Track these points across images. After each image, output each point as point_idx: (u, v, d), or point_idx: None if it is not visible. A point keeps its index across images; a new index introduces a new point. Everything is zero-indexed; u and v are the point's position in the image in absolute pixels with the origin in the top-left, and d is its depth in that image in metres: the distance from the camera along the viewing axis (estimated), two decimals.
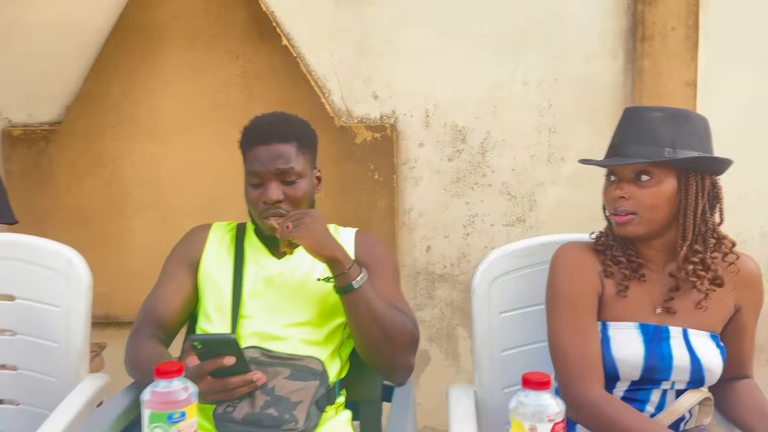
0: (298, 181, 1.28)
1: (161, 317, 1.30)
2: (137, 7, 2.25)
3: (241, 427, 1.08)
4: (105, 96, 2.28)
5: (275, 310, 1.26)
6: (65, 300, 1.42)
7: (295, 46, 2.29)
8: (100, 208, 2.30)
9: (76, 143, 2.29)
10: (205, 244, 1.36)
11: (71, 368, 1.41)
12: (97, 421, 1.17)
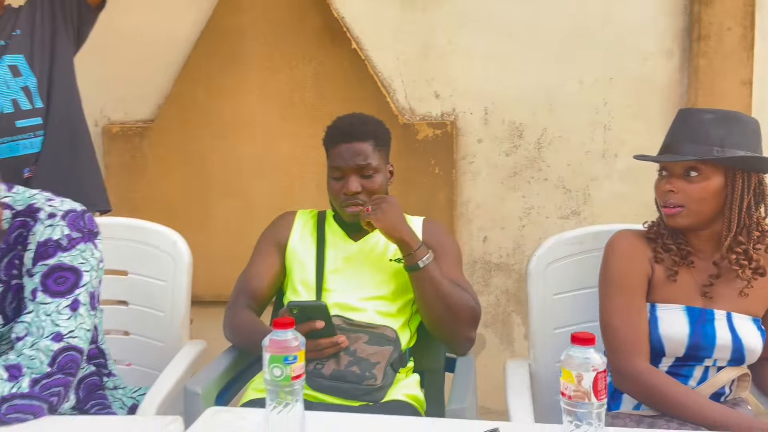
0: (374, 175, 1.45)
1: (254, 290, 1.50)
2: (220, 16, 2.48)
3: (329, 381, 1.27)
4: (192, 96, 2.51)
5: (353, 285, 1.44)
6: (170, 275, 1.63)
7: (363, 48, 2.47)
8: (187, 197, 2.54)
9: (166, 139, 2.54)
10: (292, 228, 1.55)
11: (175, 334, 1.63)
12: (207, 375, 1.38)
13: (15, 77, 1.76)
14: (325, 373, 1.27)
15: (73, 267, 1.09)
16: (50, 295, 1.06)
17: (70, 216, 1.11)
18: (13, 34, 1.78)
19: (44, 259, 1.07)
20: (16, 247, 1.10)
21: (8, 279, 1.10)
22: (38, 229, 1.09)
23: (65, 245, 1.09)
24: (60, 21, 1.85)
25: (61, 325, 1.05)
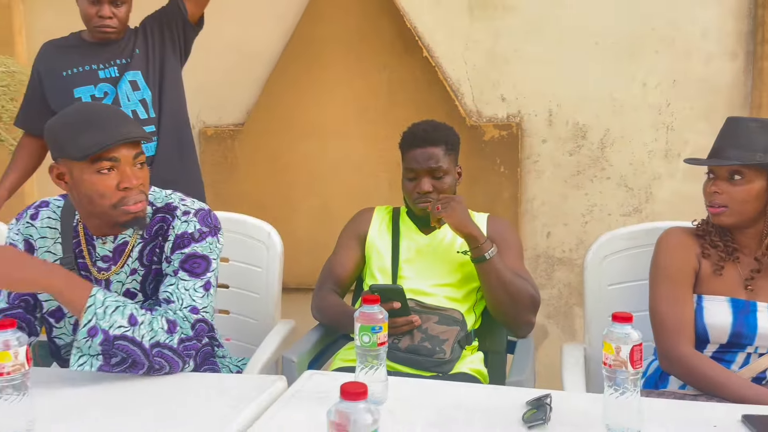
0: (444, 176, 1.63)
1: (338, 276, 1.72)
2: (304, 29, 2.72)
3: (404, 354, 1.47)
4: (278, 102, 2.77)
5: (425, 273, 1.63)
6: (265, 263, 1.87)
7: (433, 56, 2.65)
8: (273, 194, 2.80)
9: (254, 141, 2.81)
10: (371, 222, 1.76)
11: (269, 314, 1.87)
12: (300, 347, 1.60)
13: (134, 91, 2.04)
14: (401, 347, 1.47)
15: (204, 255, 1.32)
16: (188, 275, 1.30)
17: (200, 213, 1.35)
18: (135, 52, 2.06)
19: (181, 249, 1.31)
20: (157, 238, 1.34)
21: (149, 264, 1.34)
22: (176, 224, 1.33)
23: (197, 237, 1.32)
24: (168, 40, 2.12)
25: (196, 301, 1.28)
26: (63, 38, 2.09)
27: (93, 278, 1.34)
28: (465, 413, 1.10)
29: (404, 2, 2.64)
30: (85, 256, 1.34)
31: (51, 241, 1.35)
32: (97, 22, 1.97)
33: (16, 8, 2.90)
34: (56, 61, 2.03)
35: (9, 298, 1.33)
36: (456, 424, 1.06)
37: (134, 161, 1.26)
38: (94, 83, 2.02)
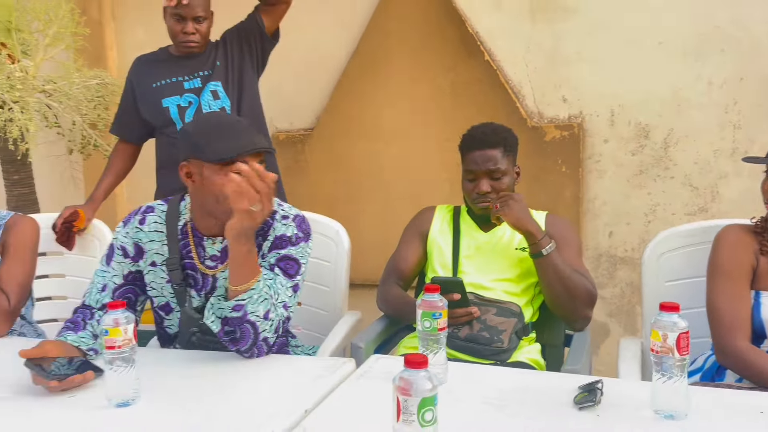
0: (502, 177, 1.71)
1: (402, 271, 1.83)
2: (370, 36, 2.85)
3: (463, 342, 1.56)
4: (345, 107, 2.91)
5: (484, 269, 1.72)
6: (333, 258, 2.00)
7: (495, 60, 2.72)
8: (341, 195, 2.95)
9: (323, 145, 2.96)
10: (432, 220, 1.86)
11: (337, 306, 2.00)
12: (367, 335, 1.73)
13: (215, 100, 2.22)
14: (461, 336, 1.56)
15: (296, 258, 1.45)
16: (283, 274, 1.43)
17: (297, 219, 1.49)
18: (216, 64, 2.24)
19: (278, 249, 1.44)
20: (257, 237, 1.45)
21: None
22: (276, 226, 1.46)
23: (294, 241, 1.45)
24: (246, 53, 2.29)
25: (287, 299, 1.42)
26: (152, 53, 2.30)
27: (200, 274, 1.48)
28: (519, 394, 1.18)
29: (466, 8, 2.73)
30: (194, 255, 1.48)
31: (158, 244, 1.50)
32: (182, 38, 2.16)
33: (107, 25, 3.17)
34: (147, 74, 2.24)
35: (114, 295, 1.49)
36: (510, 404, 1.14)
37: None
38: (180, 93, 2.21)
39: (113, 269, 1.51)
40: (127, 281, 1.51)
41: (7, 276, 1.67)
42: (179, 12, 2.11)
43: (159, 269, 1.50)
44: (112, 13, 3.20)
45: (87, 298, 1.50)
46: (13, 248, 1.72)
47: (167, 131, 2.23)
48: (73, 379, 1.21)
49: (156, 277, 1.50)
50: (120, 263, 1.51)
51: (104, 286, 1.50)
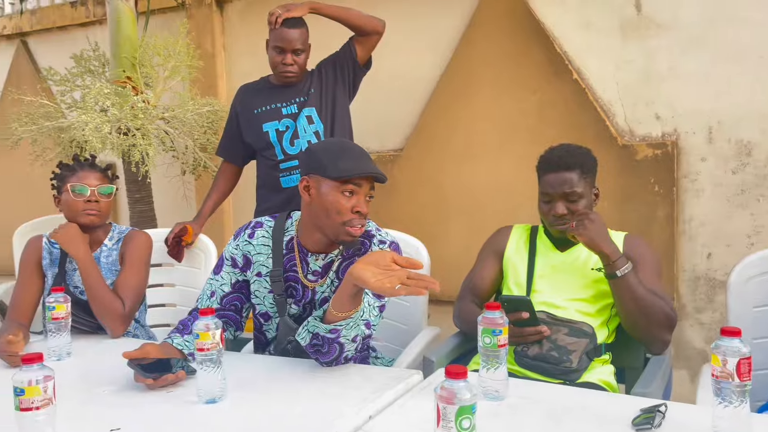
0: (579, 200, 1.71)
1: (478, 288, 1.87)
2: (458, 57, 2.92)
3: (532, 361, 1.58)
4: (433, 128, 3.00)
5: (558, 288, 1.73)
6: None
7: (583, 78, 2.70)
8: (429, 214, 3.03)
9: (412, 165, 3.06)
10: (508, 239, 1.89)
11: (416, 320, 2.08)
12: (440, 350, 1.78)
13: (309, 124, 2.39)
14: (530, 354, 1.59)
15: None
16: (372, 294, 1.51)
17: (393, 245, 1.60)
18: (311, 92, 2.41)
19: None
20: (354, 257, 1.59)
21: (341, 277, 1.58)
22: (372, 249, 1.57)
23: None
24: (339, 80, 2.45)
25: (371, 318, 1.52)
26: (254, 82, 2.51)
27: (301, 286, 1.61)
28: (578, 413, 1.20)
29: (554, 28, 2.74)
30: (298, 269, 1.61)
31: (264, 257, 1.64)
32: (281, 68, 2.35)
33: (219, 56, 3.48)
34: (249, 101, 2.45)
35: (222, 301, 1.65)
36: (567, 421, 1.16)
37: (368, 193, 1.51)
38: (278, 119, 2.40)
39: (222, 278, 1.66)
40: (234, 289, 1.66)
41: (123, 283, 1.89)
42: (280, 45, 2.31)
43: (263, 279, 1.63)
44: (223, 45, 3.51)
45: (198, 304, 1.68)
46: (130, 259, 1.95)
47: (266, 154, 2.42)
48: (166, 377, 1.37)
49: (260, 286, 1.64)
50: (229, 272, 1.66)
51: (213, 293, 1.66)
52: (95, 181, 1.91)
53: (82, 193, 1.88)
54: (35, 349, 1.68)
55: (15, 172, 4.24)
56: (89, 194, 1.89)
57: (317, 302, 1.61)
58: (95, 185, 1.90)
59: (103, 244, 1.97)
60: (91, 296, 1.82)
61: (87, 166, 1.94)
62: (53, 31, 4.07)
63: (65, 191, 1.90)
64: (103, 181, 1.93)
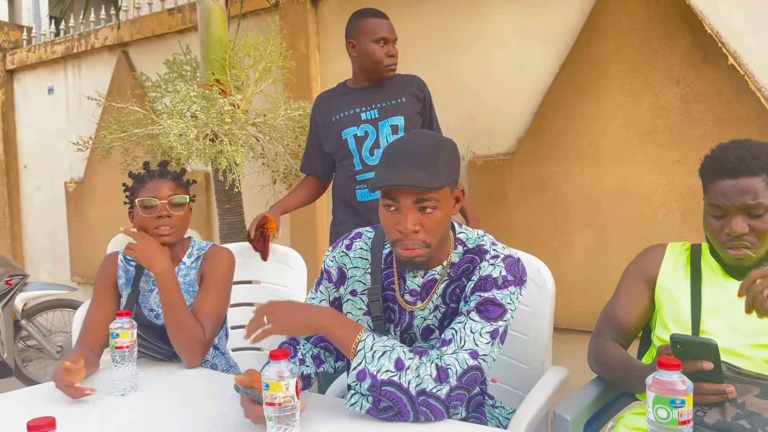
0: (765, 214, 1.28)
1: (621, 323, 1.47)
2: (579, 50, 2.52)
3: None
4: (550, 128, 2.61)
5: (737, 330, 1.30)
6: (534, 302, 1.71)
7: (741, 63, 2.22)
8: (544, 226, 2.63)
9: (524, 170, 2.68)
10: (662, 262, 1.48)
11: (538, 358, 1.70)
12: (575, 403, 1.41)
13: (393, 134, 2.12)
14: (707, 422, 1.17)
15: (501, 303, 1.24)
16: (479, 316, 1.23)
17: (509, 261, 1.28)
18: (401, 100, 2.15)
19: (481, 291, 1.25)
20: (461, 278, 1.30)
21: (450, 303, 1.31)
22: (483, 265, 1.27)
23: (500, 284, 1.25)
24: None
25: (479, 346, 1.21)
26: (331, 90, 2.29)
27: (399, 309, 1.34)
28: None
29: (704, 5, 2.27)
30: (395, 287, 1.35)
31: (362, 271, 1.39)
32: (388, 61, 2.11)
33: (313, 57, 3.26)
34: (328, 109, 2.22)
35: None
36: None
37: (415, 206, 1.21)
38: (356, 124, 2.15)
39: (321, 294, 1.44)
40: (334, 307, 1.41)
41: (202, 307, 1.66)
42: (384, 36, 2.10)
43: (358, 299, 1.38)
44: (317, 45, 3.29)
45: None
46: (210, 279, 1.72)
47: (345, 163, 2.18)
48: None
49: (353, 307, 1.39)
50: (326, 288, 1.43)
51: None
52: (166, 191, 1.69)
53: (152, 207, 1.67)
54: (97, 382, 1.50)
55: (113, 182, 4.27)
56: (159, 208, 1.67)
57: (417, 330, 1.32)
58: (166, 196, 1.68)
59: (181, 262, 1.76)
60: (169, 319, 1.60)
61: (157, 174, 1.73)
62: (152, 39, 4.05)
63: (135, 206, 1.70)
64: (175, 191, 1.71)
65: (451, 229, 1.35)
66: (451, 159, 1.26)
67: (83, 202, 4.67)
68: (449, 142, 1.29)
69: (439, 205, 1.22)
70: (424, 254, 1.24)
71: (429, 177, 1.20)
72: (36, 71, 4.94)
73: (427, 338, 1.32)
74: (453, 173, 1.25)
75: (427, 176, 1.20)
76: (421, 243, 1.23)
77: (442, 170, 1.21)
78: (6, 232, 5.16)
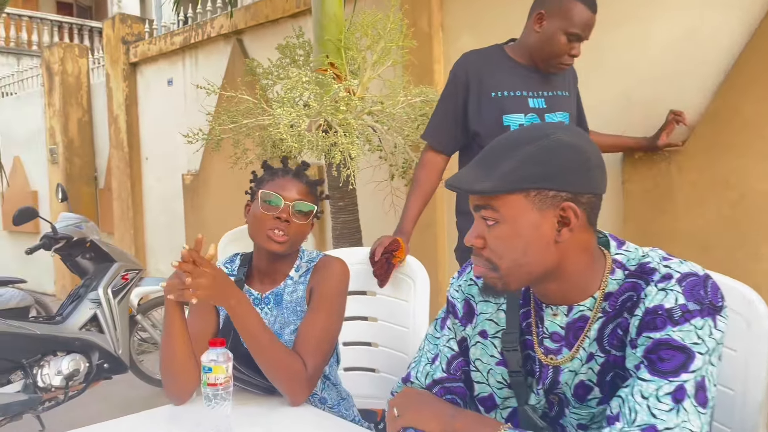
0: None
1: None
2: None
3: None
4: (734, 113, 2.09)
5: None
6: (743, 345, 1.28)
7: None
8: (723, 233, 2.13)
9: (698, 164, 2.18)
10: None
11: (749, 421, 1.27)
12: None
13: None
14: None
15: (683, 346, 0.85)
16: (651, 372, 0.86)
17: (688, 281, 0.88)
18: (565, 94, 1.78)
19: (650, 330, 0.87)
20: (623, 313, 0.93)
21: (610, 349, 0.94)
22: (649, 291, 0.90)
23: (677, 318, 0.86)
24: None
25: (657, 417, 0.83)
26: (486, 51, 1.85)
27: (538, 361, 1.00)
28: None
29: None
30: (533, 329, 1.01)
31: (494, 307, 1.07)
32: (566, 60, 1.72)
33: (436, 37, 2.91)
34: (486, 77, 1.78)
35: (450, 367, 1.12)
36: None
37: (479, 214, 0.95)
38: (524, 112, 1.75)
39: (447, 333, 1.13)
40: (463, 350, 1.11)
41: (308, 332, 1.38)
42: (579, 32, 1.69)
43: (489, 343, 1.06)
44: (441, 23, 2.94)
45: (412, 370, 1.15)
46: (320, 296, 1.44)
47: None
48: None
49: (484, 353, 1.06)
50: (453, 324, 1.12)
51: (435, 357, 1.13)
52: (295, 194, 1.42)
53: (274, 205, 1.41)
54: (187, 424, 1.26)
55: (227, 175, 4.18)
56: (281, 209, 1.40)
57: (567, 389, 0.97)
58: (293, 199, 1.42)
59: (287, 277, 1.49)
60: (258, 358, 1.32)
61: (291, 173, 1.47)
62: (266, 25, 3.88)
63: (256, 198, 1.45)
64: (305, 197, 1.44)
65: (603, 245, 0.98)
66: (537, 158, 0.89)
67: (199, 194, 4.64)
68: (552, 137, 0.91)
69: (501, 219, 0.92)
70: (490, 278, 0.95)
71: (476, 177, 0.91)
72: (157, 63, 4.99)
73: (584, 399, 0.96)
74: (531, 178, 0.89)
75: (475, 176, 0.92)
76: (485, 262, 0.95)
77: (503, 170, 0.90)
78: (129, 223, 5.29)
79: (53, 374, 2.79)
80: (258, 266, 1.49)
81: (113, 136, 5.37)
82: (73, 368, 2.84)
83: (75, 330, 2.95)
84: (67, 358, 2.84)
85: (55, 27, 11.38)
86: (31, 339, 2.76)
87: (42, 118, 6.34)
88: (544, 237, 0.91)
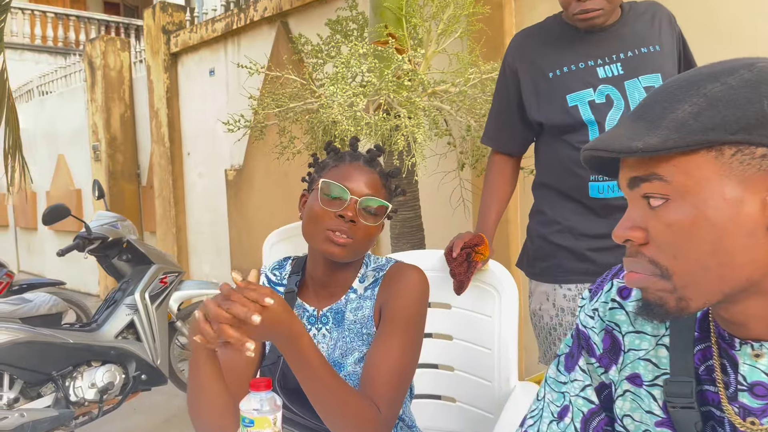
0: None
1: None
2: None
3: None
4: None
5: None
6: None
7: None
8: None
9: None
10: None
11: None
12: None
13: None
14: None
15: None
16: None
17: None
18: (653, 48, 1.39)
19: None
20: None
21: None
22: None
23: None
24: None
25: None
26: (538, 25, 1.51)
27: (729, 425, 0.66)
28: None
29: None
30: (717, 377, 0.66)
31: (651, 342, 0.73)
32: (574, 8, 1.36)
33: (507, 5, 2.55)
34: (536, 58, 1.46)
35: (588, 428, 0.79)
36: None
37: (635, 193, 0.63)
38: (593, 86, 1.39)
39: (579, 377, 0.80)
40: (604, 402, 0.78)
41: (381, 364, 1.05)
42: None
43: (645, 393, 0.72)
44: None
45: (530, 429, 0.81)
46: (394, 317, 1.10)
47: (571, 138, 1.42)
48: None
49: (637, 408, 0.73)
50: (589, 365, 0.79)
51: (564, 411, 0.79)
52: (364, 187, 1.09)
53: (338, 197, 1.08)
54: None
55: (271, 170, 3.90)
56: (348, 204, 1.07)
57: None
58: (362, 194, 1.08)
59: (350, 289, 1.16)
60: (319, 406, 0.99)
61: (362, 159, 1.13)
62: (313, 5, 3.58)
63: (315, 188, 1.11)
64: (377, 191, 1.10)
65: None
66: (736, 97, 0.56)
67: (242, 190, 4.39)
68: (757, 66, 0.57)
69: (675, 194, 0.59)
70: (657, 291, 0.62)
71: (634, 132, 0.60)
72: (198, 52, 4.76)
73: None
74: (728, 126, 0.56)
75: (633, 131, 0.61)
76: (648, 265, 0.62)
77: (679, 117, 0.58)
78: (171, 222, 5.09)
79: (86, 387, 2.57)
80: (313, 275, 1.16)
81: (154, 131, 5.18)
82: (108, 380, 2.62)
83: (110, 338, 2.72)
84: (102, 369, 2.61)
85: (102, 26, 11.42)
86: (63, 348, 2.53)
87: (85, 115, 6.22)
88: (749, 223, 0.57)
